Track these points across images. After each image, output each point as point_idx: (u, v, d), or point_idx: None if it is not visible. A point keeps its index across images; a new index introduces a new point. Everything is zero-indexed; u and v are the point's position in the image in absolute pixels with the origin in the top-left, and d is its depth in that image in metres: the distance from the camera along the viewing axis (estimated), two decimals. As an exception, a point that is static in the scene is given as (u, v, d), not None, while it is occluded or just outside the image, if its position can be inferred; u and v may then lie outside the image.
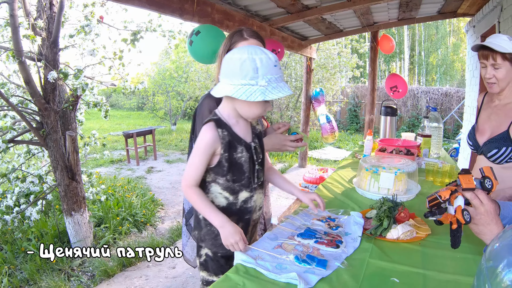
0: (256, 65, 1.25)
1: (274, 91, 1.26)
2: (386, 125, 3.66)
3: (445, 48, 21.19)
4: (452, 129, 12.05)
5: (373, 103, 6.81)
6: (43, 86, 3.52)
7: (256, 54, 1.26)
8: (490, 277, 0.56)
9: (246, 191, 1.47)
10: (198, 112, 1.80)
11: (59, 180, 3.70)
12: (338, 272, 1.23)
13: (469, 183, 1.24)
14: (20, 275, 3.37)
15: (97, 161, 8.37)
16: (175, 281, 3.30)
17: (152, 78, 14.95)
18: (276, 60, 1.30)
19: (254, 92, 1.24)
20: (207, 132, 1.37)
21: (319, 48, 10.29)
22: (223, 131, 1.38)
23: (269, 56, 1.28)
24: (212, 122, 1.38)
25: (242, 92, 1.25)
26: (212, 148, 1.37)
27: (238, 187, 1.45)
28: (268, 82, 1.26)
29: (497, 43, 1.72)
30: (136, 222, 4.60)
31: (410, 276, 1.21)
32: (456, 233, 1.22)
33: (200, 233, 1.54)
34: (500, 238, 0.63)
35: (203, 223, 1.51)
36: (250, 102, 1.31)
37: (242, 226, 1.49)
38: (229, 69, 1.30)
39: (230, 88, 1.28)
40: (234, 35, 1.72)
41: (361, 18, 5.63)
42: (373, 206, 1.68)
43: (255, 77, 1.25)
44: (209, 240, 1.51)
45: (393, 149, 2.74)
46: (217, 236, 1.44)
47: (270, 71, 1.26)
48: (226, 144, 1.38)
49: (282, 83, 1.30)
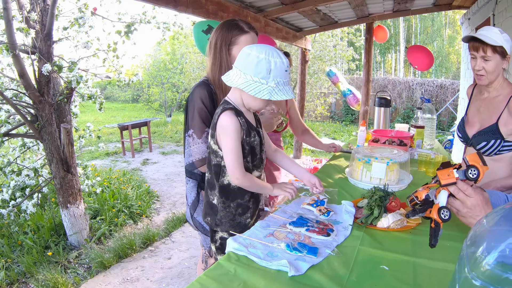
0: (271, 66, 1.38)
1: (279, 93, 1.40)
2: (380, 116, 3.68)
3: (440, 41, 21.20)
4: (446, 121, 12.10)
5: (367, 94, 6.83)
6: (37, 79, 3.50)
7: (272, 57, 1.39)
8: (470, 261, 0.57)
9: (257, 170, 1.65)
10: (189, 102, 1.83)
11: (54, 172, 3.71)
12: (328, 259, 1.25)
13: (449, 178, 1.20)
14: (17, 268, 3.39)
15: (93, 154, 8.34)
16: (170, 271, 3.33)
17: (147, 70, 14.85)
18: (288, 66, 1.44)
19: (262, 90, 1.39)
20: (232, 118, 1.47)
21: (315, 40, 10.28)
22: (241, 118, 1.51)
23: (283, 61, 1.41)
24: (231, 111, 1.49)
25: (252, 88, 1.40)
26: (240, 132, 1.50)
27: (253, 167, 1.61)
28: (277, 84, 1.40)
29: (488, 36, 1.74)
30: (132, 214, 4.62)
31: (400, 263, 1.24)
32: (434, 232, 1.17)
33: (215, 218, 1.63)
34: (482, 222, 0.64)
35: (219, 207, 1.61)
36: (256, 97, 1.44)
37: (253, 202, 1.66)
38: (245, 63, 1.41)
39: (242, 81, 1.41)
40: (232, 28, 1.76)
41: (356, 9, 5.63)
42: (365, 196, 1.71)
43: (266, 77, 1.39)
44: (227, 222, 1.62)
45: (386, 139, 2.77)
46: (235, 216, 1.61)
47: (281, 75, 1.40)
48: (246, 129, 1.52)
49: (287, 86, 1.44)
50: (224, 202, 1.60)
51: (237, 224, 1.62)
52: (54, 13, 3.44)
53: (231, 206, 1.61)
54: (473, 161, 1.21)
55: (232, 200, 1.60)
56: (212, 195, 1.63)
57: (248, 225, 1.65)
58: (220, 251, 1.68)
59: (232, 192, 1.60)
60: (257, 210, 1.72)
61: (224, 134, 1.48)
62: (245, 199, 1.62)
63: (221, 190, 1.59)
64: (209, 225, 1.68)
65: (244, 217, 1.64)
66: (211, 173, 1.62)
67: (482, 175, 1.20)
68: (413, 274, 1.18)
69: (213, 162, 1.58)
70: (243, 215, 1.63)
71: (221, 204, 1.61)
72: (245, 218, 1.64)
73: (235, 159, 1.48)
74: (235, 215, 1.62)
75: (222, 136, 1.50)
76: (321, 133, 11.31)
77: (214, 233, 1.69)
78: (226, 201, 1.60)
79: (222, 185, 1.59)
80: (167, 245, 3.88)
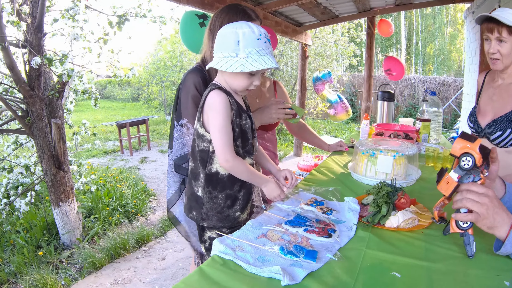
0: (238, 37, 1.28)
1: (254, 63, 1.27)
2: (383, 111, 3.53)
3: (442, 38, 21.00)
4: (449, 119, 11.93)
5: (369, 90, 6.68)
6: (27, 73, 3.39)
7: (240, 28, 1.29)
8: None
9: (250, 158, 1.50)
10: (182, 89, 1.69)
11: (45, 169, 3.58)
12: (329, 265, 1.08)
13: (449, 185, 1.08)
14: (8, 268, 3.29)
15: (90, 152, 8.22)
16: (164, 272, 3.19)
17: (146, 68, 14.72)
18: (261, 34, 1.31)
19: (234, 64, 1.28)
20: (220, 96, 1.36)
21: (316, 36, 10.12)
22: (230, 98, 1.39)
23: (253, 30, 1.29)
24: (220, 89, 1.38)
25: (223, 63, 1.29)
26: (230, 110, 1.37)
27: (244, 153, 1.47)
28: (248, 54, 1.28)
29: (504, 16, 1.59)
30: (127, 213, 4.49)
31: (412, 269, 1.07)
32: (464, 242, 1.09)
33: (201, 211, 1.48)
34: None
35: (204, 199, 1.47)
36: (235, 75, 1.35)
37: (244, 193, 1.51)
38: (216, 43, 1.35)
39: (214, 60, 1.34)
40: (240, 14, 1.61)
41: (357, 2, 5.47)
42: (370, 191, 1.54)
43: (236, 49, 1.28)
44: (214, 215, 1.48)
45: (391, 133, 2.62)
46: (223, 209, 1.47)
47: (252, 44, 1.28)
48: (236, 110, 1.40)
49: (266, 56, 1.30)
50: (211, 192, 1.46)
51: (226, 217, 1.48)
52: (44, 5, 3.33)
53: (218, 197, 1.46)
54: (461, 149, 1.06)
55: (220, 191, 1.46)
56: (196, 186, 1.49)
57: (238, 219, 1.51)
58: (210, 252, 1.52)
59: (220, 181, 1.45)
60: (248, 203, 1.56)
61: (212, 111, 1.35)
62: (235, 189, 1.48)
63: (208, 179, 1.45)
64: (195, 221, 1.53)
65: (233, 210, 1.49)
66: (195, 161, 1.48)
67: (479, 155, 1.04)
68: (427, 281, 1.01)
69: (199, 147, 1.45)
70: (231, 207, 1.48)
71: (207, 194, 1.46)
72: (234, 211, 1.49)
73: (225, 138, 1.34)
74: (223, 208, 1.47)
75: (210, 114, 1.36)
76: (322, 131, 11.16)
77: (202, 232, 1.54)
78: (213, 191, 1.46)
79: (209, 173, 1.44)
80: (161, 245, 3.74)
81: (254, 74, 1.36)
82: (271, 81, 2.34)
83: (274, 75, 10.98)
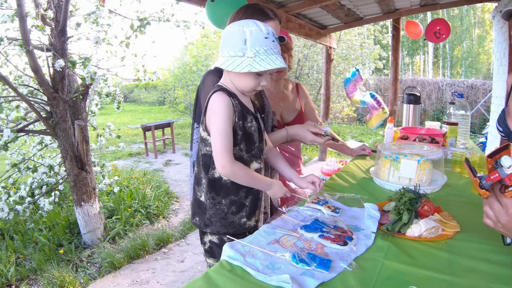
0: (245, 36, 1.24)
1: (262, 63, 1.23)
2: (409, 114, 3.41)
3: (470, 41, 20.39)
4: (478, 123, 11.51)
5: (395, 93, 6.50)
6: (51, 76, 3.48)
7: (247, 26, 1.25)
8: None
9: (257, 162, 1.45)
10: (202, 90, 1.66)
11: (68, 170, 3.65)
12: (343, 275, 1.00)
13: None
14: (29, 264, 3.35)
15: (115, 154, 8.39)
16: (182, 275, 3.16)
17: (172, 72, 14.92)
18: (269, 33, 1.26)
19: (241, 64, 1.24)
20: (222, 98, 1.31)
21: (341, 39, 9.99)
22: (234, 100, 1.34)
23: (261, 28, 1.25)
24: (222, 91, 1.34)
25: (229, 63, 1.25)
26: (232, 112, 1.32)
27: (249, 157, 1.42)
28: (256, 54, 1.23)
29: None
30: (149, 214, 4.52)
31: (433, 283, 0.98)
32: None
33: (204, 216, 1.44)
34: None
35: (207, 205, 1.42)
36: (242, 75, 1.31)
37: (251, 200, 1.46)
38: (222, 42, 1.30)
39: (220, 60, 1.29)
40: (257, 13, 1.56)
41: (382, 3, 5.33)
42: (392, 198, 1.45)
43: (243, 48, 1.24)
44: (217, 221, 1.43)
45: (416, 137, 2.51)
46: (227, 215, 1.42)
47: (260, 43, 1.24)
48: (239, 112, 1.34)
49: (274, 55, 1.26)
50: (214, 198, 1.41)
51: (230, 223, 1.43)
52: (68, 9, 3.41)
53: (222, 203, 1.41)
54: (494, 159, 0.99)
55: (224, 197, 1.41)
56: (199, 191, 1.45)
57: (244, 225, 1.46)
58: (209, 254, 1.50)
59: (224, 187, 1.40)
60: (256, 210, 1.50)
61: (213, 114, 1.30)
62: (240, 196, 1.42)
63: (210, 184, 1.40)
64: (198, 227, 1.49)
65: (238, 216, 1.43)
66: (199, 166, 1.44)
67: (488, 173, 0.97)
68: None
69: (202, 151, 1.41)
70: (237, 214, 1.43)
71: (210, 200, 1.41)
72: (240, 217, 1.44)
73: (223, 142, 1.28)
74: (227, 213, 1.42)
75: (212, 116, 1.31)
76: (347, 136, 10.97)
77: (203, 235, 1.50)
78: (217, 197, 1.41)
79: (212, 178, 1.40)
80: (181, 247, 3.73)
81: (261, 74, 1.32)
82: (294, 83, 2.32)
83: (299, 79, 10.90)
